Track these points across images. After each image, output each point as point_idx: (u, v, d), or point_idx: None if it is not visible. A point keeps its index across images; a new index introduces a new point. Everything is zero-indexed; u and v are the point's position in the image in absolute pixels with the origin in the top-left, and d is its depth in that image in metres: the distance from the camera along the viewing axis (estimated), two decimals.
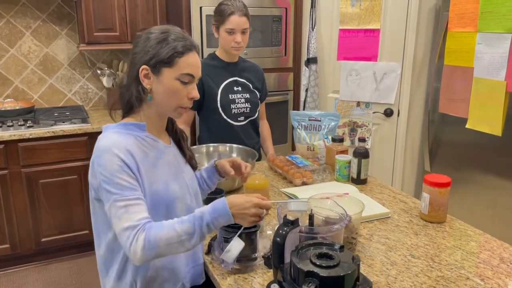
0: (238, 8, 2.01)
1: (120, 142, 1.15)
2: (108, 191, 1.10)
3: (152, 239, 1.07)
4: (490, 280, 1.22)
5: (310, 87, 3.17)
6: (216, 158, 1.47)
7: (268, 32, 3.16)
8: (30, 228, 2.83)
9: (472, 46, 2.44)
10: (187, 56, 1.19)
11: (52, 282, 2.76)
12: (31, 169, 2.75)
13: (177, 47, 1.17)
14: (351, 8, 2.94)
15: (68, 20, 3.24)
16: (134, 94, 1.21)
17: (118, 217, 1.09)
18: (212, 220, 1.11)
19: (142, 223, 1.08)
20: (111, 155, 1.11)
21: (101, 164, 1.12)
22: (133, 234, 1.07)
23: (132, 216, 1.08)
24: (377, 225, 1.56)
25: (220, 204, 1.13)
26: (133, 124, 1.22)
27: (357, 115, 3.07)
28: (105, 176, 1.11)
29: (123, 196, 1.09)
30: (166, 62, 1.17)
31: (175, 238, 1.08)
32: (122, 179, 1.10)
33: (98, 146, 1.16)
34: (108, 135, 1.18)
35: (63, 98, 3.36)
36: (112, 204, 1.10)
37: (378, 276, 1.24)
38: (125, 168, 1.11)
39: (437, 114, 2.78)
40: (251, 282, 1.22)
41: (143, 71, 1.19)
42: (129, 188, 1.11)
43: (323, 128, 2.21)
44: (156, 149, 1.24)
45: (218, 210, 1.12)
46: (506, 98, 2.31)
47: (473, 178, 2.62)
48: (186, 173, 1.34)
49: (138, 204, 1.11)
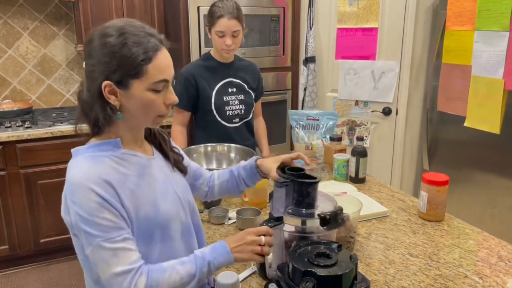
0: (228, 10, 1.95)
1: (94, 171, 0.97)
2: (89, 234, 0.95)
3: (154, 285, 0.97)
4: (488, 278, 1.22)
5: (308, 86, 3.16)
6: (257, 156, 1.35)
7: (266, 31, 3.16)
8: (29, 229, 2.82)
9: (470, 45, 2.44)
10: (155, 60, 0.98)
11: (52, 283, 2.76)
12: (29, 170, 2.75)
13: (142, 52, 0.96)
14: (349, 7, 2.94)
15: (65, 20, 3.23)
16: (101, 115, 1.01)
17: (106, 263, 0.95)
18: (213, 259, 1.03)
19: (137, 266, 0.97)
20: (86, 191, 0.95)
21: (76, 202, 0.96)
22: (128, 279, 0.95)
23: (123, 259, 0.95)
24: (375, 224, 1.56)
25: (218, 243, 1.07)
26: (106, 144, 1.04)
27: (355, 114, 3.07)
28: (82, 216, 0.95)
29: (108, 239, 0.95)
30: (133, 74, 0.97)
31: (178, 282, 1.00)
32: (103, 219, 0.95)
33: (69, 178, 0.99)
34: (79, 163, 1.01)
35: (61, 98, 3.36)
36: (96, 249, 0.95)
37: (376, 275, 1.24)
38: (105, 204, 0.95)
39: (436, 112, 2.78)
40: (249, 282, 1.22)
41: (107, 87, 0.97)
42: (113, 228, 0.96)
43: (321, 127, 2.21)
44: (137, 166, 1.06)
45: (217, 249, 1.05)
46: (504, 96, 2.31)
47: (471, 176, 2.63)
48: (176, 184, 1.16)
49: (127, 245, 0.97)
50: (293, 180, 1.13)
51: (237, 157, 2.00)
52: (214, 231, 1.51)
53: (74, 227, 0.98)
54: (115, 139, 1.05)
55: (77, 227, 0.97)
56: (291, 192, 1.13)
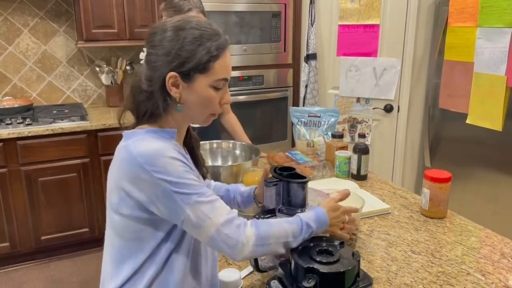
0: (196, 5, 1.87)
1: (164, 145, 0.98)
2: (183, 194, 0.95)
3: (264, 235, 1.00)
4: (491, 276, 1.22)
5: (309, 83, 3.16)
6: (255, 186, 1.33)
7: (267, 28, 3.15)
8: (30, 226, 2.82)
9: (472, 41, 2.43)
10: (222, 57, 1.00)
11: (53, 280, 2.76)
12: (30, 167, 2.75)
13: (214, 48, 0.98)
14: (350, 4, 2.93)
15: (66, 17, 3.22)
16: (160, 105, 1.01)
17: (208, 217, 0.96)
18: (316, 229, 1.07)
19: (235, 214, 1.01)
20: (167, 159, 0.95)
21: (161, 171, 0.94)
22: (234, 226, 0.98)
23: (222, 210, 0.98)
24: (378, 221, 1.56)
25: (321, 212, 1.09)
26: (164, 131, 1.03)
27: (357, 111, 3.06)
28: (171, 181, 0.94)
29: (203, 194, 0.97)
30: (200, 68, 0.98)
31: (283, 238, 1.02)
32: (192, 179, 0.97)
33: (138, 153, 0.95)
34: (145, 140, 0.99)
35: (61, 95, 3.35)
36: (194, 206, 0.95)
37: (378, 272, 1.23)
38: (187, 168, 0.98)
39: (437, 109, 2.77)
40: (251, 279, 1.21)
41: (171, 79, 0.98)
42: (202, 185, 0.99)
43: (322, 124, 2.20)
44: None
45: (321, 221, 1.08)
46: (506, 93, 2.30)
47: (473, 174, 2.62)
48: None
49: (217, 198, 1.01)
50: (281, 180, 1.15)
51: (242, 154, 1.98)
52: None
53: (160, 197, 0.95)
54: (172, 129, 1.05)
55: (166, 194, 0.95)
56: (281, 191, 1.15)
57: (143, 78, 1.03)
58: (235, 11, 3.04)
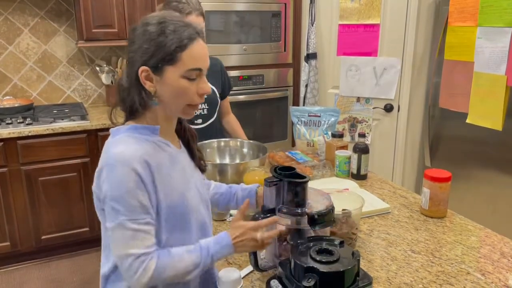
0: (195, 7, 1.86)
1: (137, 150, 1.01)
2: (115, 210, 0.98)
3: (161, 269, 1.00)
4: (490, 275, 1.22)
5: (309, 83, 3.16)
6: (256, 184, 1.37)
7: (267, 27, 3.15)
8: (30, 225, 2.82)
9: (472, 41, 2.43)
10: (191, 48, 1.03)
11: (53, 279, 2.76)
12: (30, 166, 2.75)
13: (178, 39, 1.02)
14: (350, 3, 2.93)
15: (66, 17, 3.22)
16: (136, 99, 1.06)
17: (124, 242, 0.98)
18: (216, 252, 1.06)
19: (151, 251, 1.00)
20: (128, 169, 0.98)
21: (113, 178, 0.98)
22: (139, 262, 0.98)
23: (139, 242, 0.99)
24: (377, 220, 1.56)
25: (222, 235, 1.09)
26: (145, 128, 1.08)
27: (357, 111, 3.06)
28: (114, 192, 0.98)
29: (133, 219, 0.98)
30: (168, 60, 1.02)
31: (183, 269, 1.03)
32: (135, 199, 0.98)
33: (112, 153, 1.01)
34: (122, 141, 1.04)
35: (62, 95, 3.35)
36: (118, 226, 0.98)
37: (378, 272, 1.24)
38: (140, 185, 0.99)
39: (438, 109, 2.77)
40: (251, 278, 1.22)
41: (143, 72, 1.03)
42: (140, 210, 0.99)
43: (323, 124, 2.20)
44: (170, 156, 1.11)
45: (221, 241, 1.08)
46: (506, 93, 2.30)
47: (473, 173, 2.62)
48: (197, 180, 1.21)
49: (148, 229, 1.01)
50: (282, 179, 1.15)
51: (250, 152, 1.98)
52: (215, 227, 1.50)
53: (102, 201, 1.01)
54: (153, 125, 1.09)
55: (105, 201, 1.00)
56: (281, 191, 1.15)
57: (124, 75, 1.10)
58: (235, 11, 3.04)
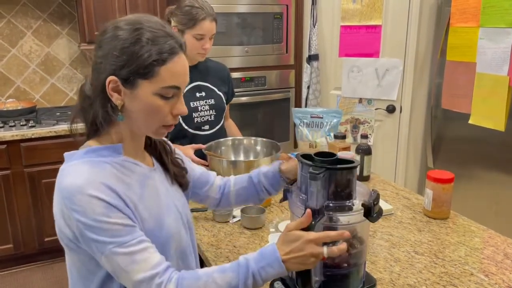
0: (209, 13, 1.85)
1: (94, 177, 0.86)
2: (99, 242, 0.84)
3: None
4: (494, 276, 1.22)
5: (311, 84, 3.16)
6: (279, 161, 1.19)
7: (269, 29, 3.15)
8: (33, 228, 2.83)
9: (474, 41, 2.43)
10: (171, 63, 0.88)
11: (56, 281, 2.77)
12: (33, 169, 2.76)
13: (157, 52, 0.87)
14: (352, 4, 2.93)
15: (69, 19, 3.24)
16: (100, 113, 0.90)
17: (125, 271, 0.85)
18: (259, 269, 0.88)
19: (161, 270, 0.86)
20: (86, 197, 0.83)
21: (77, 210, 0.83)
22: (155, 285, 0.84)
23: (143, 265, 0.85)
24: (380, 221, 1.56)
25: (269, 248, 0.90)
26: (105, 148, 0.92)
27: (359, 112, 3.06)
28: (86, 224, 0.83)
29: (122, 244, 0.84)
30: (142, 73, 0.87)
31: None
32: (112, 223, 0.84)
33: (65, 184, 0.85)
34: (76, 168, 0.88)
35: (64, 97, 3.37)
36: (110, 257, 0.84)
37: (381, 273, 1.23)
38: (111, 208, 0.85)
39: (440, 110, 2.77)
40: None
41: (111, 83, 0.88)
42: (126, 231, 0.85)
43: (325, 125, 2.20)
44: (138, 176, 0.96)
45: (266, 256, 0.88)
46: (509, 93, 2.30)
47: (476, 174, 2.61)
48: (176, 199, 1.06)
49: (144, 247, 0.86)
50: (328, 168, 0.92)
51: (263, 149, 2.00)
52: (219, 229, 1.51)
53: (80, 239, 0.86)
54: (116, 144, 0.94)
55: (84, 237, 0.85)
56: (326, 183, 0.93)
57: (88, 82, 0.95)
58: (237, 13, 3.04)
